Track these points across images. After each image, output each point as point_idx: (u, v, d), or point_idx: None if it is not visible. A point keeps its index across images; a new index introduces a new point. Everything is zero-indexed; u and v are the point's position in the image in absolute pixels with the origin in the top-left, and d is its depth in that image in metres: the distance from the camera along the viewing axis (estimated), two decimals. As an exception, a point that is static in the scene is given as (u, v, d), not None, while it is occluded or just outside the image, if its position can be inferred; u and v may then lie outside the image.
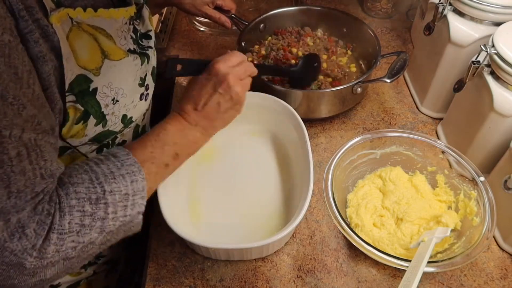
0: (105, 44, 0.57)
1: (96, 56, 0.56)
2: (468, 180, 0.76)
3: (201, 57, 1.17)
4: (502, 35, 0.72)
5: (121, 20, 0.60)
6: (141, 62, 0.65)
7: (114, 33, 0.59)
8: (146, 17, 0.71)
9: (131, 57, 0.62)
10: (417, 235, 0.74)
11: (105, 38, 0.57)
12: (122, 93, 0.61)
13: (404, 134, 0.82)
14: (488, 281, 0.72)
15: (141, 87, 0.66)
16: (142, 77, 0.66)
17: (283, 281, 0.72)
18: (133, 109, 0.65)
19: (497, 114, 0.72)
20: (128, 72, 0.62)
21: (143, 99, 0.67)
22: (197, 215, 0.80)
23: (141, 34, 0.69)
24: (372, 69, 0.92)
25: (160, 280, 0.73)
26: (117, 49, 0.60)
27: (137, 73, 0.64)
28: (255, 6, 1.31)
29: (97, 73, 0.56)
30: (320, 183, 0.85)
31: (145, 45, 0.69)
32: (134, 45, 0.65)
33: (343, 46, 1.09)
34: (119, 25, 0.60)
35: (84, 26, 0.54)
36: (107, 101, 0.59)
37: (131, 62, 0.63)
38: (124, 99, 0.62)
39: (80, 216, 0.47)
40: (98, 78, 0.56)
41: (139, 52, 0.65)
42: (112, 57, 0.59)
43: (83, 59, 0.54)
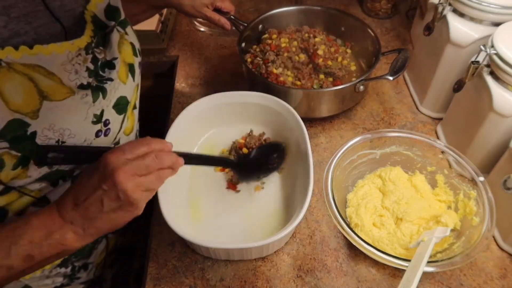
0: (44, 84, 0.53)
1: (32, 99, 0.52)
2: (467, 180, 0.76)
3: (201, 57, 1.17)
4: (501, 35, 0.72)
5: (66, 54, 0.55)
6: (94, 99, 0.60)
7: (59, 69, 0.54)
8: (114, 42, 0.65)
9: (79, 94, 0.57)
10: (416, 235, 0.74)
11: (44, 77, 0.53)
12: (69, 133, 0.56)
13: (404, 134, 0.82)
14: (487, 280, 0.72)
15: (97, 124, 0.61)
16: (96, 114, 0.61)
17: (283, 280, 0.72)
18: None
19: (497, 114, 0.72)
20: (75, 111, 0.57)
21: (101, 135, 0.62)
22: (197, 215, 0.80)
23: (104, 63, 0.63)
24: (374, 66, 0.92)
25: (160, 280, 0.73)
26: (60, 88, 0.55)
27: (88, 110, 0.59)
28: (255, 7, 1.32)
29: (34, 116, 0.52)
30: (320, 183, 0.86)
31: (105, 77, 0.62)
32: (89, 78, 0.59)
33: (342, 44, 1.09)
34: (65, 60, 0.55)
35: (17, 66, 0.50)
36: (50, 143, 0.54)
37: (79, 101, 0.57)
38: (72, 140, 0.57)
39: None
40: (36, 122, 0.52)
41: (94, 86, 0.60)
42: (53, 97, 0.54)
43: (17, 103, 0.50)
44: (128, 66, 0.69)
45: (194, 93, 1.07)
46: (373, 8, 1.27)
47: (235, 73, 1.12)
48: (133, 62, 0.71)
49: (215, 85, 1.09)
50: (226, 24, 0.96)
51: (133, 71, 0.70)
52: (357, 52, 1.07)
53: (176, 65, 1.16)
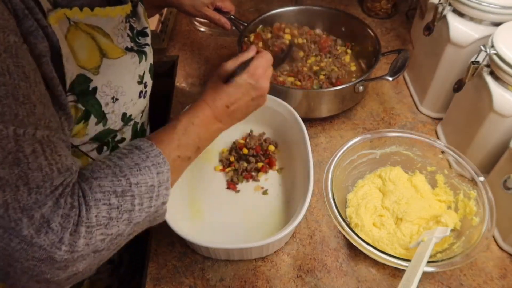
0: (103, 43, 0.57)
1: (95, 56, 0.56)
2: (467, 180, 0.76)
3: (201, 57, 1.17)
4: (501, 35, 0.72)
5: (118, 18, 0.61)
6: (139, 60, 0.65)
7: (111, 32, 0.59)
8: (141, 14, 0.71)
9: (129, 55, 0.62)
10: (416, 235, 0.74)
11: (103, 37, 0.57)
12: (121, 91, 0.61)
13: (404, 134, 0.82)
14: (487, 280, 0.72)
15: (140, 85, 0.66)
16: (140, 75, 0.66)
17: (283, 280, 0.72)
18: (133, 107, 0.65)
19: (497, 114, 0.72)
20: (127, 70, 0.62)
21: (142, 96, 0.67)
22: (197, 215, 0.80)
23: (138, 32, 0.69)
24: (373, 67, 0.92)
25: (160, 280, 0.73)
26: (115, 48, 0.60)
27: (135, 71, 0.64)
28: (255, 7, 1.32)
29: (96, 72, 0.56)
30: (320, 183, 0.86)
31: (142, 43, 0.69)
32: (131, 43, 0.65)
33: (342, 45, 1.09)
34: (116, 24, 0.60)
35: (82, 25, 0.54)
36: (107, 99, 0.59)
37: (129, 60, 0.63)
38: (123, 97, 0.62)
39: (107, 209, 0.47)
40: (97, 77, 0.56)
41: (136, 50, 0.66)
42: (110, 55, 0.59)
43: (82, 59, 0.54)
44: None
45: (194, 93, 1.07)
46: (373, 8, 1.27)
47: (235, 73, 1.11)
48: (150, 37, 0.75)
49: (215, 85, 1.09)
50: (226, 23, 0.96)
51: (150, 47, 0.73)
52: (357, 52, 1.07)
53: (176, 65, 1.16)
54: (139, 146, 0.54)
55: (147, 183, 0.51)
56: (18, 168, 0.41)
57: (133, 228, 0.52)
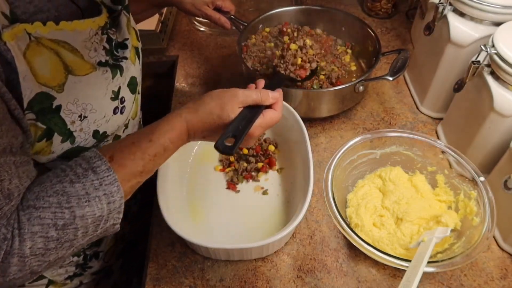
0: (69, 59, 0.55)
1: (59, 73, 0.54)
2: (468, 180, 0.76)
3: (201, 57, 1.17)
4: (502, 35, 0.72)
5: (88, 31, 0.58)
6: (113, 75, 0.62)
7: (81, 46, 0.57)
8: (123, 24, 0.68)
9: (100, 70, 0.59)
10: (417, 235, 0.74)
11: (69, 53, 0.55)
12: (90, 108, 0.58)
13: (404, 134, 0.82)
14: (488, 281, 0.72)
15: (114, 101, 0.63)
16: (114, 91, 0.63)
17: (283, 281, 0.72)
18: (106, 123, 0.62)
19: (497, 114, 0.72)
20: (97, 87, 0.59)
21: (118, 112, 0.64)
22: (197, 215, 0.80)
23: (117, 44, 0.66)
24: (373, 67, 0.92)
25: (160, 280, 0.73)
26: (83, 64, 0.57)
27: (108, 87, 0.61)
28: (255, 6, 1.32)
29: (60, 90, 0.54)
30: (320, 183, 0.85)
31: (119, 56, 0.65)
32: (107, 56, 0.62)
33: (342, 44, 1.09)
34: (86, 37, 0.58)
35: (44, 41, 0.52)
36: (73, 118, 0.56)
37: (100, 76, 0.60)
38: (93, 115, 0.59)
39: (43, 241, 0.46)
40: (61, 95, 0.54)
41: (111, 64, 0.62)
42: (77, 72, 0.56)
43: (44, 76, 0.52)
44: (134, 49, 0.71)
45: (194, 93, 1.07)
46: (373, 8, 1.27)
47: (235, 73, 1.12)
48: (137, 46, 0.73)
49: (215, 85, 1.09)
50: (226, 23, 0.96)
51: (138, 54, 0.72)
52: (358, 52, 1.07)
53: (176, 65, 1.16)
54: (95, 168, 0.51)
55: (94, 215, 0.49)
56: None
57: (78, 248, 0.51)
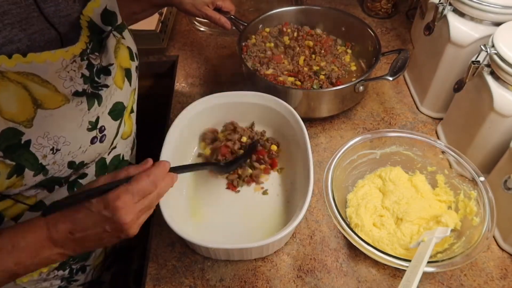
0: (38, 93, 0.52)
1: (27, 107, 0.51)
2: (468, 180, 0.76)
3: (201, 57, 1.17)
4: (502, 35, 0.72)
5: (61, 61, 0.55)
6: (89, 106, 0.59)
7: (53, 77, 0.54)
8: (110, 47, 0.64)
9: (74, 102, 0.57)
10: (417, 235, 0.74)
11: (38, 86, 0.52)
12: (63, 141, 0.56)
13: (404, 134, 0.82)
14: (488, 281, 0.72)
15: (92, 131, 0.60)
16: (91, 121, 0.60)
17: (283, 281, 0.72)
18: (83, 154, 0.60)
19: (497, 114, 0.72)
20: (70, 119, 0.57)
21: (97, 142, 0.62)
22: (197, 215, 0.80)
23: (99, 69, 0.62)
24: (373, 67, 0.92)
25: (160, 280, 0.73)
26: (54, 96, 0.54)
27: (83, 118, 0.58)
28: (255, 6, 1.32)
29: (28, 125, 0.52)
30: (320, 183, 0.85)
31: (100, 83, 0.62)
32: (84, 84, 0.59)
33: (342, 45, 1.09)
34: (59, 67, 0.55)
35: (10, 74, 0.49)
36: (44, 152, 0.54)
37: (74, 108, 0.57)
38: (67, 147, 0.57)
39: None
40: (30, 130, 0.52)
41: (89, 93, 0.59)
42: (48, 105, 0.53)
43: (10, 112, 0.50)
44: (124, 71, 0.68)
45: (194, 93, 1.07)
46: (373, 7, 1.27)
47: (235, 73, 1.12)
48: (129, 66, 0.70)
49: (215, 85, 1.09)
50: (226, 23, 0.95)
51: (129, 76, 0.69)
52: (358, 52, 1.07)
53: (176, 65, 1.16)
54: None
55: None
56: None
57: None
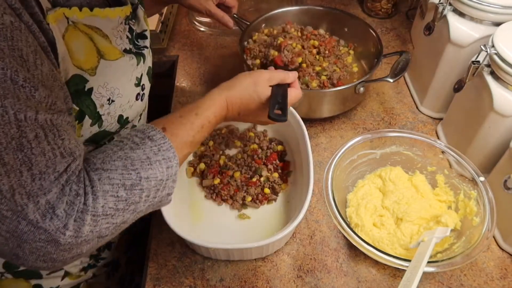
0: (101, 44, 0.57)
1: (92, 56, 0.56)
2: (468, 180, 0.76)
3: (201, 57, 1.17)
4: (502, 35, 0.72)
5: (117, 19, 0.60)
6: (137, 62, 0.65)
7: (110, 33, 0.59)
8: (141, 17, 0.71)
9: (127, 57, 0.62)
10: (417, 235, 0.74)
11: (101, 38, 0.58)
12: (118, 93, 0.61)
13: (404, 134, 0.82)
14: (488, 281, 0.72)
15: (137, 87, 0.66)
16: (138, 77, 0.66)
17: (283, 281, 0.72)
18: (129, 109, 0.65)
19: (497, 114, 0.72)
20: (124, 72, 0.62)
21: (139, 99, 0.67)
22: (197, 215, 0.80)
23: (137, 34, 0.69)
24: (374, 68, 0.92)
25: (160, 280, 0.73)
26: (113, 49, 0.60)
27: (133, 73, 0.64)
28: (255, 6, 1.32)
29: (92, 73, 0.56)
30: (320, 183, 0.85)
31: (140, 45, 0.69)
32: (130, 45, 0.65)
33: (345, 45, 1.09)
34: (115, 25, 0.60)
35: (80, 25, 0.54)
36: (102, 101, 0.58)
37: (127, 62, 0.63)
38: (120, 99, 0.61)
39: (114, 200, 0.48)
40: (93, 78, 0.56)
41: (135, 52, 0.65)
42: (108, 57, 0.58)
43: (79, 59, 0.54)
44: None
45: (194, 93, 1.07)
46: (374, 8, 1.27)
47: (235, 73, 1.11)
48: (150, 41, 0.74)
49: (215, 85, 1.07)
50: (229, 22, 0.95)
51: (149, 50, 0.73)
52: (360, 53, 1.07)
53: (176, 65, 1.16)
54: (152, 136, 0.54)
55: (156, 177, 0.52)
56: (22, 154, 0.41)
57: (137, 215, 0.52)
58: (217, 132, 0.91)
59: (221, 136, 0.90)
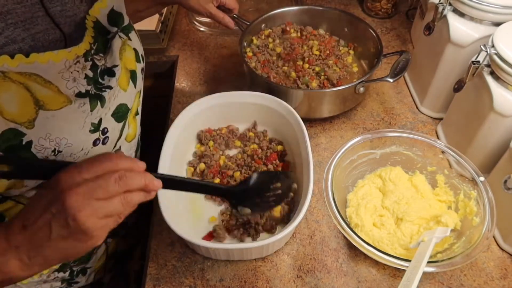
0: (40, 93, 0.52)
1: (28, 108, 0.51)
2: (468, 180, 0.76)
3: (201, 57, 1.17)
4: (502, 35, 0.72)
5: (63, 62, 0.54)
6: (91, 108, 0.58)
7: (56, 78, 0.53)
8: (115, 48, 0.64)
9: (76, 103, 0.56)
10: (417, 235, 0.74)
11: (40, 86, 0.52)
12: (65, 143, 0.55)
13: (404, 134, 0.82)
14: (488, 281, 0.72)
15: (95, 133, 0.60)
16: (94, 123, 0.59)
17: (283, 281, 0.72)
18: (85, 156, 0.59)
19: (497, 114, 0.72)
20: (72, 120, 0.56)
21: (99, 143, 0.61)
22: (197, 215, 0.80)
23: (103, 70, 0.61)
24: (374, 68, 0.92)
25: (160, 280, 0.73)
26: (56, 97, 0.54)
27: (86, 119, 0.58)
28: (255, 6, 1.32)
29: (30, 126, 0.51)
30: (320, 183, 0.85)
31: (104, 84, 0.61)
32: (88, 86, 0.58)
33: (345, 45, 1.09)
34: (62, 68, 0.54)
35: (12, 75, 0.49)
36: (46, 153, 0.53)
37: (76, 110, 0.56)
38: (69, 149, 0.56)
39: None
40: (32, 131, 0.51)
41: (92, 95, 0.59)
42: (50, 106, 0.53)
43: (11, 112, 0.49)
44: (129, 72, 0.67)
45: (194, 93, 1.07)
46: (373, 8, 1.27)
47: (235, 73, 1.12)
48: (135, 68, 0.69)
49: (215, 85, 1.09)
50: (230, 23, 0.94)
51: (134, 77, 0.68)
52: (360, 53, 1.07)
53: (176, 65, 1.16)
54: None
55: None
56: None
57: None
58: (217, 132, 0.91)
59: (221, 136, 0.90)
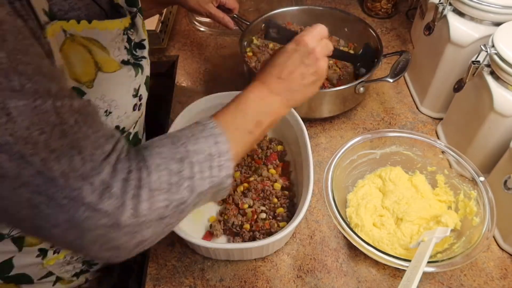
0: (99, 57, 0.58)
1: (90, 69, 0.56)
2: (468, 180, 0.76)
3: (201, 57, 1.17)
4: (502, 35, 0.72)
5: (116, 31, 0.61)
6: (135, 73, 0.65)
7: (108, 45, 0.59)
8: (139, 26, 0.71)
9: (125, 68, 0.63)
10: (417, 235, 0.74)
11: (99, 50, 0.58)
12: (115, 105, 0.61)
13: (404, 134, 0.82)
14: (488, 281, 0.72)
15: (135, 98, 0.66)
16: (135, 88, 0.66)
17: (283, 281, 0.72)
18: (126, 119, 0.65)
19: (497, 114, 0.72)
20: (122, 84, 0.62)
21: (136, 109, 0.67)
22: (197, 215, 0.80)
23: (135, 44, 0.69)
24: (374, 68, 0.92)
25: (160, 280, 0.73)
26: (111, 61, 0.60)
27: (131, 84, 0.64)
28: (255, 6, 1.32)
29: (90, 86, 0.56)
30: (320, 183, 0.85)
31: (138, 55, 0.69)
32: (128, 55, 0.65)
33: (345, 45, 1.09)
34: (113, 37, 0.60)
35: (78, 38, 0.54)
36: (99, 113, 0.57)
37: (125, 74, 0.63)
38: (117, 111, 0.62)
39: (167, 174, 0.47)
40: (91, 91, 0.57)
41: (133, 63, 0.66)
42: (106, 69, 0.59)
43: (76, 72, 0.54)
44: None
45: (194, 93, 1.07)
46: (373, 8, 1.27)
47: (236, 73, 1.12)
48: None
49: (215, 85, 1.09)
50: (230, 23, 0.95)
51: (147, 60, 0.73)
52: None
53: (176, 65, 1.16)
54: (197, 121, 0.55)
55: (204, 151, 0.51)
56: (67, 140, 0.41)
57: (198, 197, 0.51)
58: None
59: None
